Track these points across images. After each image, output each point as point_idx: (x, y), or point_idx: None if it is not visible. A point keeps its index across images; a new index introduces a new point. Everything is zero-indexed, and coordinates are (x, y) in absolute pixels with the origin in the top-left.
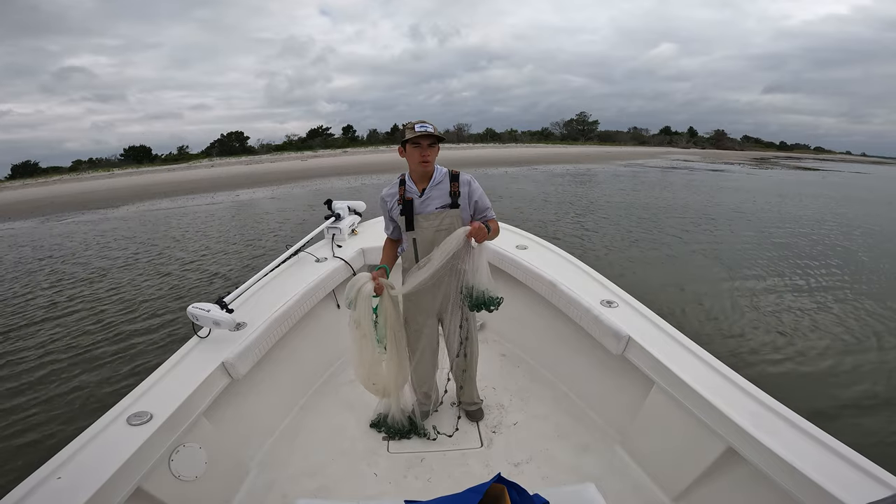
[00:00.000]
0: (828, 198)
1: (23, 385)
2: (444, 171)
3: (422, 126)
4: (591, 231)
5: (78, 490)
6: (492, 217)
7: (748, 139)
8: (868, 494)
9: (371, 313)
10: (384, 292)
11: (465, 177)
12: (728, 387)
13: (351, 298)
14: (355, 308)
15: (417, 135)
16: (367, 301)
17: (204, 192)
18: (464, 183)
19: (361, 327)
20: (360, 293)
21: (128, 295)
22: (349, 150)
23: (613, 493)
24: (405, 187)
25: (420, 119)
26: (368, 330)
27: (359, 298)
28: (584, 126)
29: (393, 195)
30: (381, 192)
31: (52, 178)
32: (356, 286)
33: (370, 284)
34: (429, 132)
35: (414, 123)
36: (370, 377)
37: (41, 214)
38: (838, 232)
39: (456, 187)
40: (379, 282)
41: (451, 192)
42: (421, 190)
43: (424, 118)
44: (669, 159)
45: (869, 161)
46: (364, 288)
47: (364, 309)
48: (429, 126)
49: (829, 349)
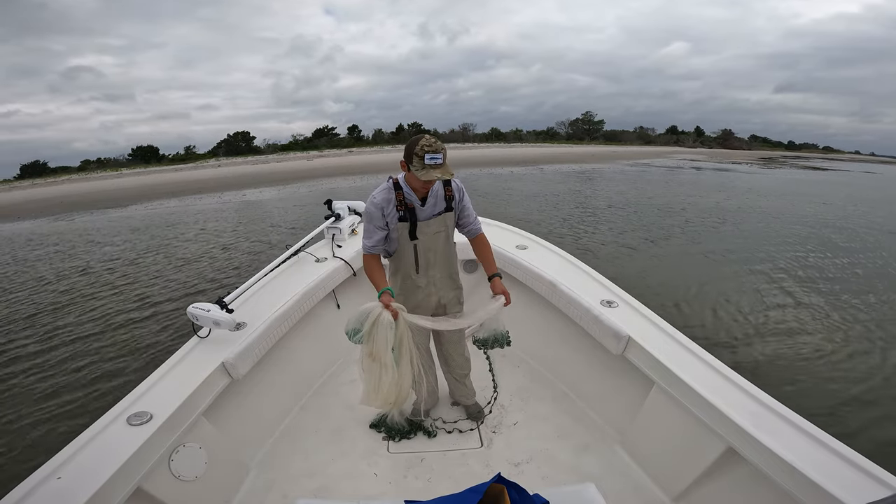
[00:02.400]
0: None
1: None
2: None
3: (432, 158)
4: (606, 230)
5: (78, 490)
6: (479, 229)
7: (756, 139)
8: (868, 494)
9: (390, 342)
10: (400, 317)
11: (457, 183)
12: (728, 387)
13: (365, 331)
14: (370, 341)
15: (428, 167)
16: (386, 331)
17: (211, 191)
18: (456, 189)
19: (379, 358)
20: (378, 324)
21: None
22: (354, 149)
23: (613, 493)
24: (403, 193)
25: (431, 143)
26: (388, 360)
27: (377, 330)
28: (590, 126)
29: (389, 201)
30: (370, 200)
31: (61, 178)
32: (371, 318)
33: (387, 314)
34: (438, 165)
35: (426, 150)
36: (387, 400)
37: (50, 214)
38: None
39: (450, 192)
40: (393, 308)
41: (446, 197)
42: (421, 198)
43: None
44: (676, 159)
45: (878, 161)
46: (381, 318)
47: (383, 340)
48: (439, 157)
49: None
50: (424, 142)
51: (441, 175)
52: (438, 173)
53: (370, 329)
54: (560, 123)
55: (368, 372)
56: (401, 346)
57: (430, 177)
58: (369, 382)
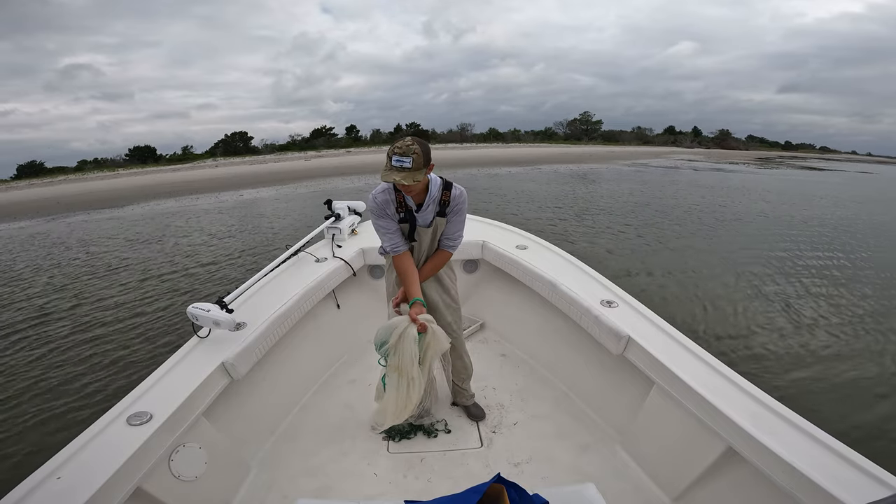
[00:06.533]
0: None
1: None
2: (438, 181)
3: (398, 160)
4: (606, 229)
5: (78, 490)
6: (452, 247)
7: (753, 139)
8: (868, 494)
9: (416, 357)
10: (429, 329)
11: (458, 191)
12: (728, 387)
13: (391, 344)
14: (396, 354)
15: (392, 168)
16: (411, 345)
17: (209, 191)
18: (455, 197)
19: (406, 373)
20: (404, 338)
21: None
22: (352, 150)
23: (613, 493)
24: (402, 195)
25: (402, 145)
26: (415, 373)
27: (402, 345)
28: (588, 126)
29: (389, 202)
30: (371, 197)
31: (58, 178)
32: (397, 332)
33: (413, 328)
34: (404, 168)
35: (394, 152)
36: (406, 413)
37: (47, 214)
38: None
39: (447, 196)
40: (422, 322)
41: (441, 201)
42: (418, 204)
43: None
44: (673, 159)
45: (874, 161)
46: (408, 332)
47: (409, 355)
48: (406, 161)
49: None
50: (398, 144)
51: (401, 179)
52: (398, 176)
53: (396, 342)
54: (558, 124)
55: (393, 387)
56: (424, 358)
57: (389, 178)
58: (392, 398)
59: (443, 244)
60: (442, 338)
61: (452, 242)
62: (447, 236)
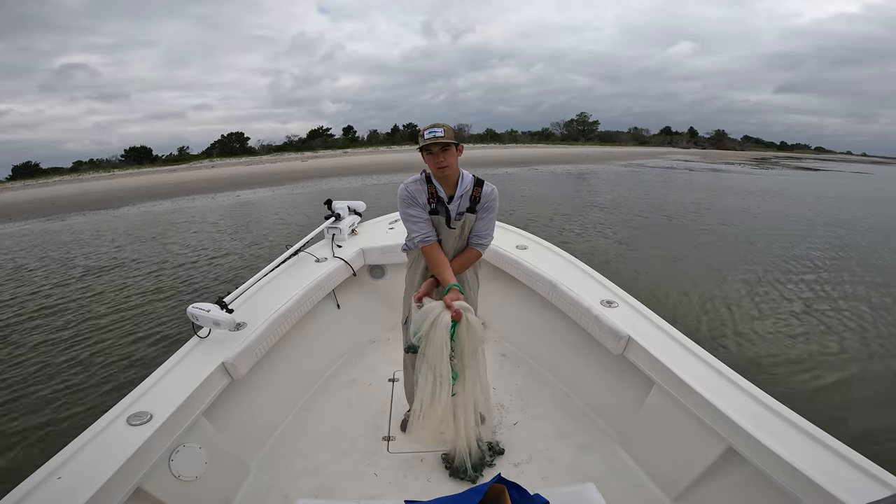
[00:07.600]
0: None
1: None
2: (469, 177)
3: (430, 132)
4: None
5: (78, 490)
6: (483, 245)
7: (748, 139)
8: (868, 494)
9: (447, 349)
10: (463, 318)
11: (490, 188)
12: (728, 387)
13: (423, 332)
14: (428, 344)
15: (427, 142)
16: (444, 335)
17: (205, 192)
18: (486, 194)
19: (433, 368)
20: (436, 326)
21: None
22: (349, 150)
23: (613, 493)
24: (434, 187)
25: (432, 123)
26: (444, 370)
27: (434, 333)
28: (585, 126)
29: (421, 191)
30: (403, 186)
31: (53, 179)
32: (430, 319)
33: (447, 314)
34: (437, 137)
35: (425, 129)
36: (440, 427)
37: (42, 215)
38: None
39: (478, 193)
40: (457, 308)
41: (472, 197)
42: (449, 196)
43: (436, 120)
44: (669, 159)
45: (869, 161)
46: (441, 319)
47: (438, 346)
48: (438, 131)
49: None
50: (428, 125)
51: (441, 136)
52: (438, 137)
53: (427, 330)
54: (555, 124)
55: (426, 390)
56: (462, 356)
57: (429, 141)
58: (419, 398)
59: (472, 242)
60: (477, 330)
61: (482, 241)
62: (477, 234)
